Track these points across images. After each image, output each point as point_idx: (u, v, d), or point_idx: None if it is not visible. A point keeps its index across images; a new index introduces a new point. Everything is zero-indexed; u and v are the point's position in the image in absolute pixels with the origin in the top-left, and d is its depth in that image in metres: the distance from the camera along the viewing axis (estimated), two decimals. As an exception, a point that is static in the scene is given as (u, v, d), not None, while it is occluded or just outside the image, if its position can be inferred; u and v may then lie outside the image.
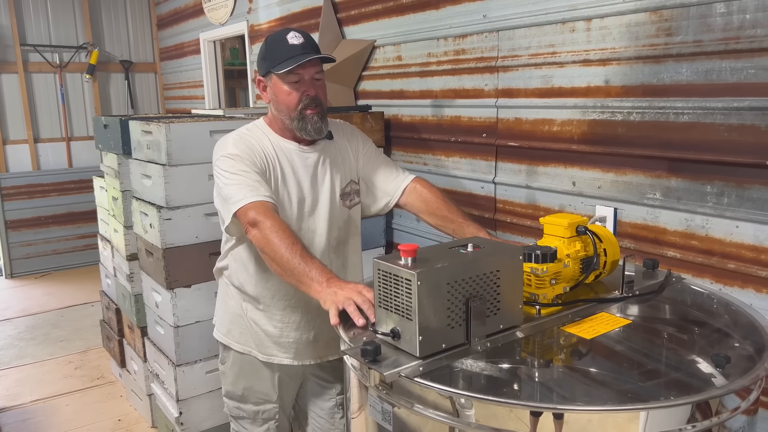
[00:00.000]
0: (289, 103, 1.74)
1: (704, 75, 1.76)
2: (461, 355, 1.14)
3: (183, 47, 5.69)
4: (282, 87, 1.74)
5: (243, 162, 1.73)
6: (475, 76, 2.53)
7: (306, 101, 1.73)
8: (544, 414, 1.00)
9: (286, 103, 1.75)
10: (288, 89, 1.73)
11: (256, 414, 1.98)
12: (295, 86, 1.73)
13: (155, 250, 2.60)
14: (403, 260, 1.13)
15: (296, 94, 1.73)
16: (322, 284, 1.43)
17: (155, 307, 2.74)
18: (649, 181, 1.95)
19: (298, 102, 1.73)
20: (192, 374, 2.64)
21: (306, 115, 1.74)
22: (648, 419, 1.01)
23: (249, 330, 1.93)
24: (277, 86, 1.75)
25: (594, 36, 2.04)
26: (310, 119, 1.75)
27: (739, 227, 1.73)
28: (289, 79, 1.72)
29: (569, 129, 2.17)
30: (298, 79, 1.72)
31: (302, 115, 1.74)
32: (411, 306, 1.10)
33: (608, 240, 1.47)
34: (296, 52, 1.69)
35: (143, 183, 2.67)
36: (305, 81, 1.73)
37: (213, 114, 3.20)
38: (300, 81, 1.72)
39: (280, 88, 1.74)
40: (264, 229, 1.57)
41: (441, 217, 1.84)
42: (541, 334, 1.24)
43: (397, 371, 1.07)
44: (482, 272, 1.17)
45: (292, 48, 1.69)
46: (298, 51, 1.69)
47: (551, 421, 1.00)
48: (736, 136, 1.70)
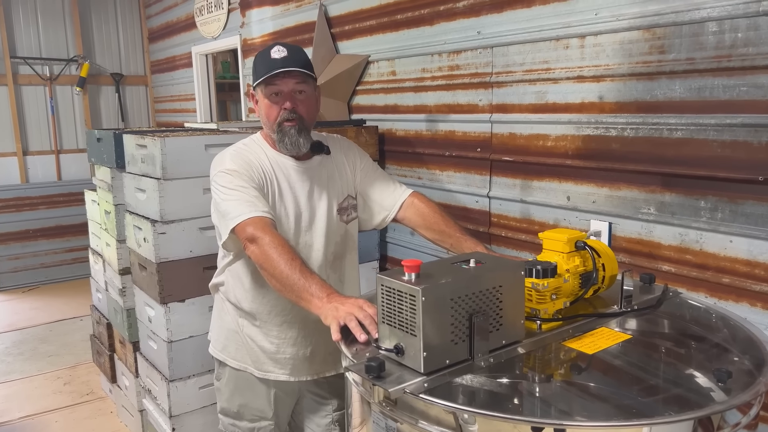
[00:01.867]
0: (269, 116, 1.75)
1: (697, 92, 1.79)
2: (465, 371, 1.14)
3: (174, 60, 5.69)
4: (264, 100, 1.75)
5: (241, 177, 1.73)
6: (469, 92, 2.56)
7: (284, 115, 1.73)
8: (546, 430, 1.01)
9: (267, 116, 1.76)
10: (268, 102, 1.74)
11: (251, 431, 1.97)
12: (275, 99, 1.73)
13: (149, 264, 2.58)
14: (406, 276, 1.14)
15: (275, 108, 1.73)
16: (323, 299, 1.43)
17: (148, 322, 2.72)
18: (643, 196, 1.97)
19: (277, 115, 1.73)
20: (185, 390, 2.62)
21: (284, 127, 1.74)
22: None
23: (245, 346, 1.92)
24: (261, 100, 1.77)
25: (588, 53, 2.07)
26: (288, 132, 1.74)
27: (733, 242, 1.76)
28: (268, 91, 1.73)
29: (564, 144, 2.19)
30: (277, 91, 1.72)
31: (281, 129, 1.74)
32: (415, 322, 1.10)
33: (606, 255, 1.48)
34: (275, 66, 1.69)
35: (137, 197, 2.66)
36: (284, 94, 1.72)
37: (207, 128, 3.20)
38: (279, 94, 1.72)
39: (262, 101, 1.76)
40: (263, 245, 1.57)
41: (438, 232, 1.84)
42: (543, 350, 1.25)
43: (402, 387, 1.07)
44: (485, 288, 1.17)
45: (273, 62, 1.70)
46: (277, 65, 1.69)
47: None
48: (729, 152, 1.73)
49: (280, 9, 3.84)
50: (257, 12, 4.13)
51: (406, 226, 1.93)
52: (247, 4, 4.22)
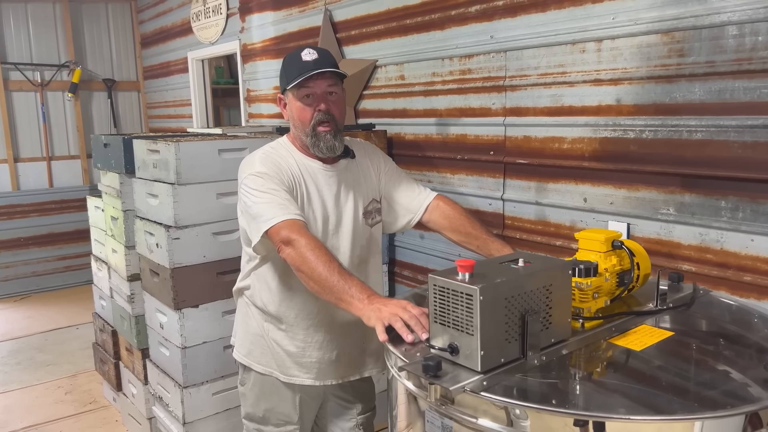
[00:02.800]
0: (303, 119, 1.75)
1: (717, 94, 1.83)
2: (518, 369, 1.16)
3: (169, 66, 5.66)
4: (296, 103, 1.75)
5: (272, 180, 1.73)
6: (481, 95, 2.58)
7: (318, 116, 1.73)
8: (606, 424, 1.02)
9: (301, 119, 1.75)
10: (301, 105, 1.74)
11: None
12: (307, 101, 1.73)
13: (162, 270, 2.56)
14: (460, 275, 1.15)
15: (309, 110, 1.73)
16: (364, 301, 1.43)
17: (160, 328, 2.70)
18: (662, 197, 2.01)
19: (311, 118, 1.73)
20: (198, 396, 2.60)
21: (318, 132, 1.74)
22: (703, 429, 1.04)
23: (270, 350, 1.91)
24: (292, 103, 1.76)
25: (605, 56, 2.11)
26: (323, 137, 1.74)
27: (754, 240, 1.79)
28: (301, 93, 1.72)
29: (580, 146, 2.22)
30: (309, 93, 1.72)
31: (315, 132, 1.74)
32: (472, 321, 1.11)
33: (640, 254, 1.51)
34: (308, 68, 1.70)
35: (149, 202, 2.64)
36: (317, 96, 1.73)
37: (213, 133, 3.19)
38: (311, 96, 1.73)
39: (294, 104, 1.75)
40: (299, 247, 1.57)
41: (465, 234, 1.86)
42: (590, 347, 1.26)
43: (462, 385, 1.08)
44: (536, 287, 1.19)
45: (305, 64, 1.71)
46: (309, 67, 1.70)
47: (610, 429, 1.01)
48: (751, 153, 1.77)
49: (283, 14, 3.84)
50: (258, 17, 4.13)
51: (431, 229, 1.94)
52: (248, 9, 4.22)
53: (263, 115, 4.28)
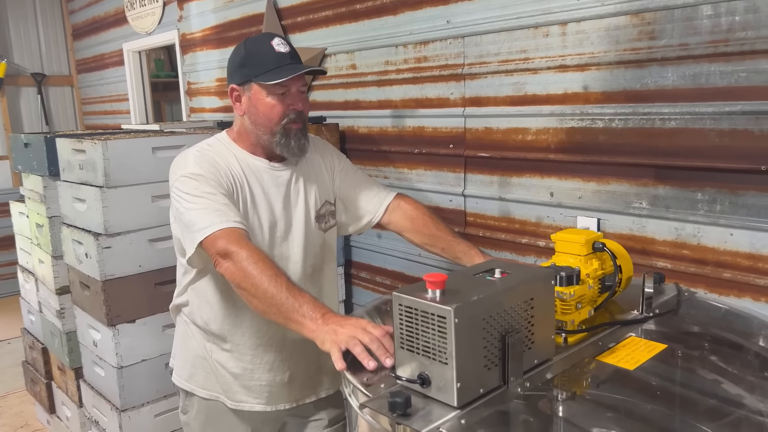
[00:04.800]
0: (272, 117, 1.55)
1: (692, 79, 1.71)
2: (499, 400, 0.99)
3: (104, 58, 5.30)
4: (265, 99, 1.54)
5: (207, 183, 1.51)
6: (439, 85, 2.41)
7: (291, 116, 1.55)
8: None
9: (269, 117, 1.55)
10: (272, 101, 1.54)
11: None
12: (281, 98, 1.54)
13: (92, 283, 2.31)
14: (430, 293, 0.98)
15: (281, 107, 1.54)
16: (317, 321, 1.24)
17: (93, 346, 2.45)
18: (634, 190, 1.88)
19: (283, 116, 1.55)
20: (139, 419, 2.37)
21: (290, 129, 1.56)
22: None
23: (214, 373, 1.70)
24: (258, 97, 1.55)
25: (570, 41, 1.97)
26: (294, 135, 1.56)
27: (733, 235, 1.68)
28: (275, 90, 1.53)
29: (545, 138, 2.08)
30: (284, 91, 1.54)
31: (286, 130, 1.56)
32: (446, 347, 0.94)
33: (622, 256, 1.37)
34: (285, 62, 1.52)
35: (75, 207, 2.38)
36: (291, 94, 1.55)
37: (150, 129, 2.93)
38: (285, 93, 1.54)
39: (262, 99, 1.54)
40: (239, 261, 1.36)
41: (428, 235, 1.69)
42: (578, 368, 1.11)
43: (436, 426, 0.91)
44: (517, 302, 1.03)
45: (280, 56, 1.52)
46: (287, 60, 1.52)
47: None
48: (729, 141, 1.65)
49: (223, 0, 3.59)
50: (197, 4, 3.87)
51: (391, 230, 1.77)
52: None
53: (205, 109, 4.02)
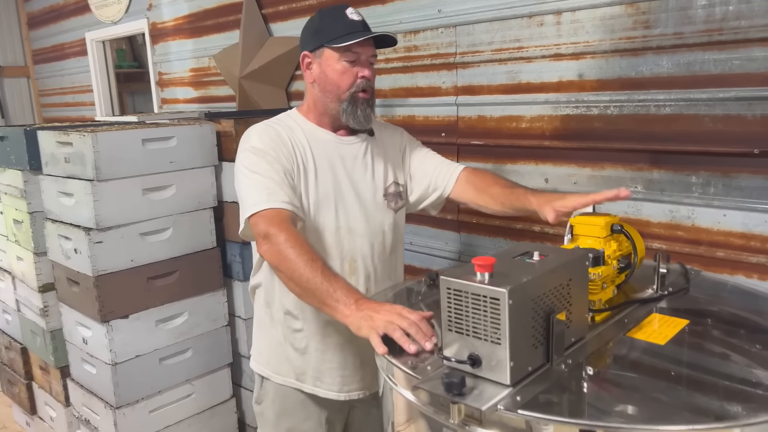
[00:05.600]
0: (341, 83, 1.57)
1: (686, 67, 1.78)
2: (546, 377, 1.03)
3: (64, 48, 5.12)
4: (335, 65, 1.56)
5: (265, 158, 1.53)
6: (430, 74, 2.43)
7: (360, 84, 1.57)
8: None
9: (338, 83, 1.57)
10: (342, 68, 1.56)
11: None
12: (350, 65, 1.57)
13: (83, 279, 2.26)
14: (479, 276, 1.00)
15: (350, 74, 1.57)
16: (351, 306, 1.25)
17: (83, 344, 2.39)
18: (629, 174, 1.95)
19: (352, 83, 1.57)
20: (134, 416, 2.33)
21: (358, 98, 1.58)
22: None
23: (288, 358, 1.68)
24: (328, 63, 1.57)
25: (565, 30, 2.01)
26: (361, 104, 1.58)
27: (726, 216, 1.76)
28: (345, 56, 1.55)
29: (540, 125, 2.13)
30: (354, 58, 1.56)
31: (354, 98, 1.58)
32: (499, 328, 0.97)
33: (636, 237, 1.42)
34: (357, 29, 1.55)
35: (62, 202, 2.31)
36: (361, 61, 1.58)
37: (127, 121, 2.86)
38: (356, 61, 1.57)
39: (332, 65, 1.57)
40: (278, 244, 1.38)
41: (495, 197, 1.65)
42: (612, 344, 1.16)
43: (494, 403, 0.94)
44: (558, 283, 1.06)
45: (353, 23, 1.56)
46: (359, 28, 1.56)
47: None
48: (722, 126, 1.73)
49: (198, -11, 3.52)
50: (168, -7, 3.78)
51: (464, 202, 1.77)
52: (156, -16, 3.85)
53: (179, 100, 3.94)
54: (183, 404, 2.48)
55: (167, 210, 2.35)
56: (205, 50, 3.59)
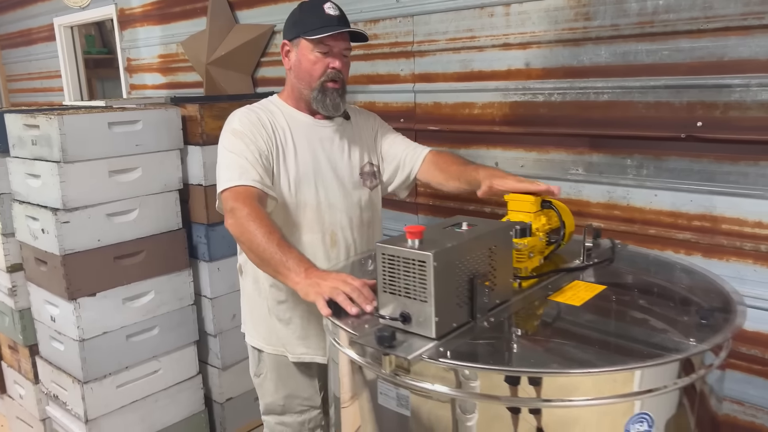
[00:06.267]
0: (313, 72, 1.69)
1: (622, 56, 1.90)
2: (469, 332, 1.14)
3: (31, 33, 5.11)
4: (308, 55, 1.68)
5: (242, 140, 1.65)
6: (389, 61, 2.54)
7: (330, 74, 1.69)
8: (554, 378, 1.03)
9: (309, 72, 1.69)
10: (314, 58, 1.68)
11: (301, 426, 1.85)
12: (322, 56, 1.68)
13: (50, 258, 2.32)
14: (410, 242, 1.11)
15: (322, 64, 1.68)
16: (300, 274, 1.36)
17: (51, 321, 2.46)
18: (571, 158, 2.08)
19: (322, 73, 1.69)
20: (101, 391, 2.41)
21: (327, 87, 1.70)
22: (642, 378, 1.07)
23: (275, 329, 1.79)
24: (303, 53, 1.69)
25: (513, 20, 2.13)
26: (330, 93, 1.70)
27: (657, 195, 1.90)
28: (319, 48, 1.67)
29: (491, 111, 2.25)
30: (327, 50, 1.68)
31: (323, 88, 1.70)
32: (425, 288, 1.08)
33: (565, 212, 1.54)
34: (332, 23, 1.66)
35: (29, 184, 2.37)
36: (333, 53, 1.69)
37: (96, 105, 2.92)
38: (328, 53, 1.68)
39: (307, 55, 1.69)
40: (240, 218, 1.50)
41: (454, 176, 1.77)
42: (533, 306, 1.28)
43: (419, 353, 1.05)
44: (482, 250, 1.18)
45: (329, 18, 1.66)
46: (334, 22, 1.66)
47: (561, 383, 1.03)
48: (654, 112, 1.86)
49: (165, -24, 3.57)
50: (136, -21, 3.81)
51: (429, 183, 1.87)
52: (124, -30, 3.88)
53: (147, 86, 3.98)
54: (150, 380, 2.56)
55: (133, 192, 2.42)
56: (173, 36, 3.64)
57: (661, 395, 1.06)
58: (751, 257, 1.75)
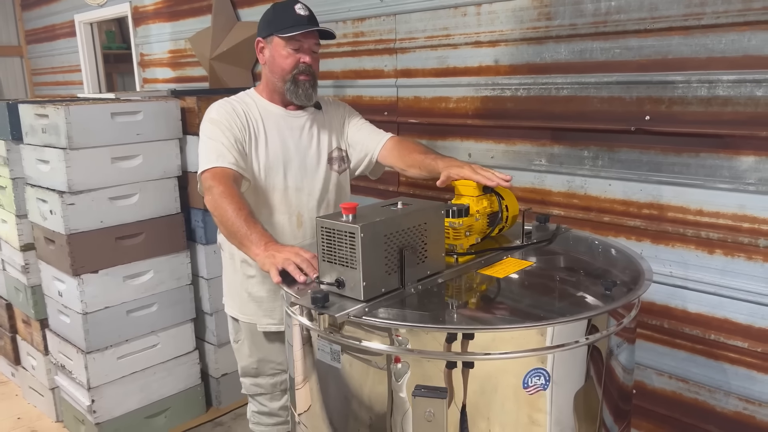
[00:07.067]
0: (285, 67, 1.85)
1: (579, 54, 2.03)
2: (397, 298, 1.30)
3: (54, 29, 5.36)
4: (281, 51, 1.85)
5: (219, 127, 1.83)
6: (375, 58, 2.69)
7: (301, 68, 1.85)
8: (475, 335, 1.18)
9: (282, 66, 1.85)
10: (286, 53, 1.84)
11: (273, 387, 2.02)
12: (294, 52, 1.84)
13: (57, 237, 2.53)
14: (344, 217, 1.27)
15: (293, 59, 1.84)
16: (260, 247, 1.52)
17: (58, 296, 2.67)
18: (535, 150, 2.21)
19: (293, 67, 1.85)
20: (103, 360, 2.61)
21: (299, 80, 1.86)
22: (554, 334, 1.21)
23: (247, 300, 1.96)
24: (276, 49, 1.86)
25: (484, 20, 2.26)
26: (302, 84, 1.87)
27: (611, 185, 2.03)
28: (290, 45, 1.84)
29: (464, 105, 2.39)
30: (298, 46, 1.84)
31: (295, 80, 1.86)
32: (355, 256, 1.23)
33: (509, 198, 1.68)
34: (302, 22, 1.83)
35: (39, 169, 2.58)
36: (304, 49, 1.85)
37: (105, 97, 3.12)
38: (299, 49, 1.85)
39: (279, 51, 1.85)
40: (214, 195, 1.68)
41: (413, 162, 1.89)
42: (461, 277, 1.43)
43: (346, 312, 1.21)
44: (412, 225, 1.33)
45: (299, 17, 1.83)
46: (303, 21, 1.83)
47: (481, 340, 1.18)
48: (607, 106, 1.98)
49: (175, -25, 3.76)
50: (149, -22, 4.01)
51: (390, 167, 2.01)
52: (137, -31, 4.09)
53: (159, 80, 4.19)
54: (149, 353, 2.75)
55: (134, 177, 2.62)
56: (182, 33, 3.83)
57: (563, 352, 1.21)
58: (693, 243, 1.87)
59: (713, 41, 1.74)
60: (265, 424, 2.06)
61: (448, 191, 2.44)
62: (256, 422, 2.08)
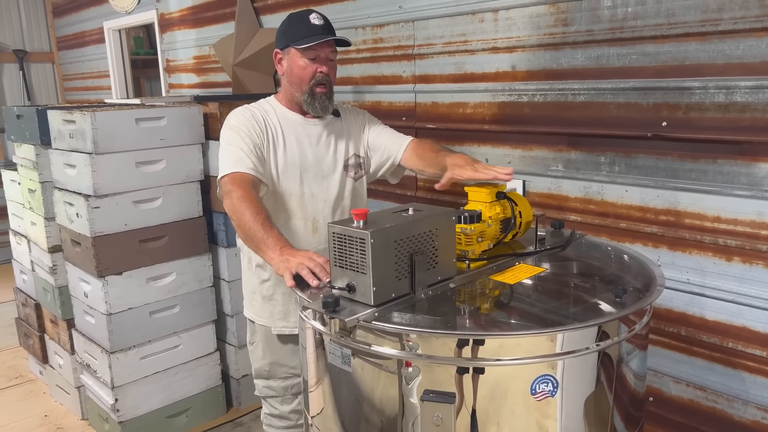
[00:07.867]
0: (303, 77, 1.88)
1: (596, 60, 2.03)
2: (408, 303, 1.31)
3: (84, 36, 5.50)
4: (298, 61, 1.87)
5: (238, 133, 1.86)
6: (393, 64, 2.71)
7: (319, 78, 1.88)
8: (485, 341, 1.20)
9: (300, 77, 1.88)
10: (303, 64, 1.87)
11: (284, 390, 2.05)
12: (311, 62, 1.87)
13: (83, 240, 2.60)
14: (356, 223, 1.29)
15: (310, 70, 1.87)
16: (276, 251, 1.56)
17: (84, 297, 2.74)
18: (552, 155, 2.21)
19: (311, 77, 1.87)
20: (126, 360, 2.67)
21: (315, 92, 1.89)
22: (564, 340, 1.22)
23: (261, 303, 2.00)
24: (293, 60, 1.89)
25: (501, 26, 2.27)
26: (319, 97, 1.89)
27: (628, 191, 2.02)
28: (306, 55, 1.86)
29: (481, 111, 2.40)
30: (314, 56, 1.87)
31: (312, 91, 1.89)
32: (365, 262, 1.25)
33: (523, 204, 1.69)
34: (317, 32, 1.84)
35: (66, 173, 2.65)
36: (320, 59, 1.88)
37: (131, 103, 3.19)
38: (316, 58, 1.87)
39: (296, 62, 1.88)
40: (233, 198, 1.71)
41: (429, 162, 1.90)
42: (472, 283, 1.44)
43: (356, 317, 1.23)
44: (422, 231, 1.34)
45: (314, 27, 1.85)
46: (318, 31, 1.85)
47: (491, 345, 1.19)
48: (624, 112, 1.98)
49: (199, -17, 3.83)
50: (174, -14, 4.10)
51: (412, 169, 2.03)
52: (164, -23, 4.17)
53: (183, 85, 4.27)
54: (171, 354, 2.81)
55: (158, 181, 2.68)
56: (206, 39, 3.91)
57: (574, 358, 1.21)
58: (711, 250, 1.86)
59: (731, 47, 1.73)
60: (276, 426, 2.10)
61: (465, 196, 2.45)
62: (269, 424, 2.12)
